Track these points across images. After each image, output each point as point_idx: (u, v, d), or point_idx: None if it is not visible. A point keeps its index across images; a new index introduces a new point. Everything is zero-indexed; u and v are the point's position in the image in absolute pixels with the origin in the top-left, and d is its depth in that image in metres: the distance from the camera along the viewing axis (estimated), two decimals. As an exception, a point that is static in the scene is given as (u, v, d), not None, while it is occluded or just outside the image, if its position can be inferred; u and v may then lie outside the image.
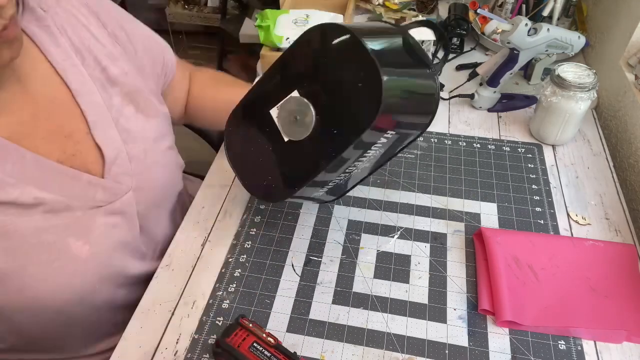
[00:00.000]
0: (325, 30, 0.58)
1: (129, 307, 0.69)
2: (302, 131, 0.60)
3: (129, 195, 0.67)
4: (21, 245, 0.56)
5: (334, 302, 0.69)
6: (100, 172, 0.64)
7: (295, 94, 0.60)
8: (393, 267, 0.73)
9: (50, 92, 0.61)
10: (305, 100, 0.59)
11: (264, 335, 0.60)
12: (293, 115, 0.60)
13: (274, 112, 0.62)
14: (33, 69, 0.60)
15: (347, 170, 0.64)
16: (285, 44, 1.05)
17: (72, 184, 0.61)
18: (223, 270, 0.73)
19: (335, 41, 0.56)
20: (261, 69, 1.12)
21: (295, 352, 0.60)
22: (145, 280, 0.73)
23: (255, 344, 0.59)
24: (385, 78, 0.53)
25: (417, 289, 0.70)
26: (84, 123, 0.63)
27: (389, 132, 0.59)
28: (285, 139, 0.62)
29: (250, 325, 0.61)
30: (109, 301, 0.70)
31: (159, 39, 0.79)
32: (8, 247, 0.56)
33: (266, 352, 0.58)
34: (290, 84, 0.61)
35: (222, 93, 0.86)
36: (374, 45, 0.55)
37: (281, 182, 0.64)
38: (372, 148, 0.60)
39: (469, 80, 1.05)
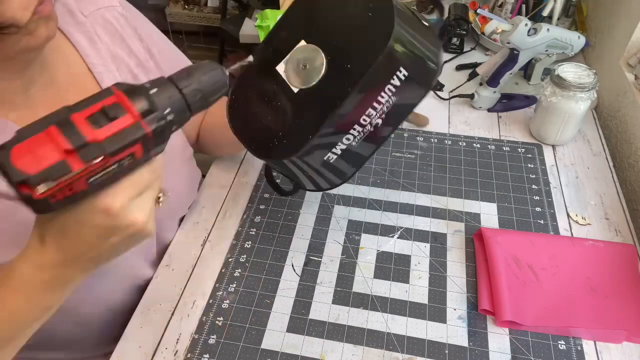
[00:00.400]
0: None
1: None
2: (313, 76, 0.58)
3: None
4: None
5: (334, 302, 0.69)
6: None
7: (302, 43, 0.60)
8: (393, 267, 0.73)
9: (83, 93, 0.61)
10: (312, 45, 0.59)
11: (82, 167, 0.37)
12: (302, 64, 0.59)
13: (280, 67, 0.61)
14: (68, 70, 0.60)
15: (361, 122, 0.61)
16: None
17: None
18: (223, 270, 0.73)
19: None
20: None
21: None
22: None
23: (90, 179, 0.38)
24: (396, 6, 0.54)
25: (417, 289, 0.70)
26: None
27: (401, 69, 0.58)
28: (295, 90, 0.60)
29: (55, 182, 0.36)
30: (123, 304, 0.71)
31: (188, 61, 0.81)
32: None
33: (111, 167, 0.39)
34: (295, 37, 0.61)
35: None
36: None
37: (293, 135, 0.61)
38: (385, 91, 0.59)
39: (469, 80, 1.05)
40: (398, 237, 0.76)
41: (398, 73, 0.59)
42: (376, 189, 0.84)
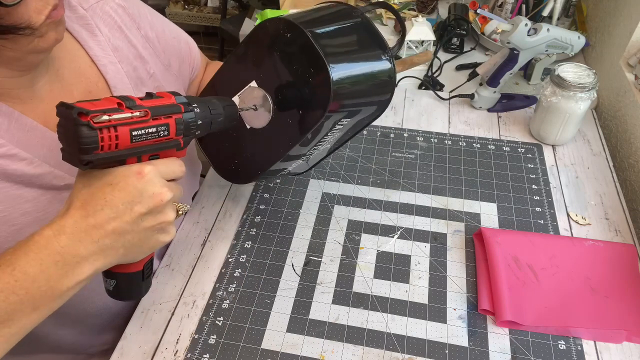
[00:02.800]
0: (276, 25, 0.58)
1: None
2: (262, 120, 0.61)
3: None
4: None
5: (334, 302, 0.69)
6: None
7: (253, 84, 0.62)
8: (393, 267, 0.73)
9: (87, 85, 0.63)
10: (263, 91, 0.60)
11: (130, 114, 0.45)
12: (253, 104, 0.62)
13: (235, 99, 0.63)
14: (73, 63, 0.61)
15: (308, 153, 0.66)
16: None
17: None
18: (223, 270, 0.73)
19: (287, 36, 0.57)
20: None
21: (175, 94, 0.51)
22: None
23: (133, 132, 0.46)
24: (334, 75, 0.55)
25: (417, 289, 0.70)
26: None
27: (344, 120, 0.62)
28: (247, 127, 0.64)
29: (108, 117, 0.44)
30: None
31: (186, 36, 0.81)
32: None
33: (150, 130, 0.47)
34: (249, 75, 0.62)
35: None
36: (324, 38, 0.56)
37: (247, 166, 0.67)
38: (330, 133, 0.63)
39: (469, 80, 1.05)
40: (398, 237, 0.76)
41: (340, 122, 0.62)
42: (376, 189, 0.84)
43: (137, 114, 0.46)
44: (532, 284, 0.69)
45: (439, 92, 1.04)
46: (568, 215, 0.80)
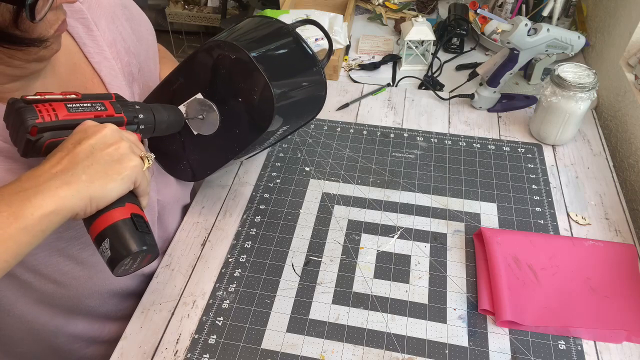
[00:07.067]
0: (220, 48, 0.63)
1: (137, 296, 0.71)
2: (209, 128, 0.67)
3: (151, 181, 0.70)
4: None
5: (334, 302, 0.69)
6: None
7: (199, 95, 0.66)
8: (393, 267, 0.73)
9: (82, 81, 0.63)
10: (209, 102, 0.65)
11: (62, 95, 0.53)
12: (200, 113, 0.66)
13: (182, 108, 0.67)
14: (68, 59, 0.61)
15: (253, 152, 0.76)
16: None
17: None
18: (223, 270, 0.73)
19: (232, 57, 0.63)
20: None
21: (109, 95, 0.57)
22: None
23: (68, 105, 0.52)
24: (276, 93, 0.62)
25: (417, 289, 0.70)
26: None
27: (284, 126, 0.69)
28: (195, 133, 0.68)
29: (40, 95, 0.51)
30: (124, 288, 0.72)
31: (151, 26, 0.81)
32: None
33: (85, 104, 0.53)
34: (194, 87, 0.66)
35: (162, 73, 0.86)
36: (265, 59, 0.63)
37: (195, 167, 0.73)
38: (273, 136, 0.71)
39: (469, 80, 1.05)
40: (398, 237, 0.76)
41: (281, 128, 0.69)
42: (376, 189, 0.84)
43: (69, 97, 0.52)
44: (532, 284, 0.69)
45: (439, 92, 1.04)
46: (568, 215, 0.80)
